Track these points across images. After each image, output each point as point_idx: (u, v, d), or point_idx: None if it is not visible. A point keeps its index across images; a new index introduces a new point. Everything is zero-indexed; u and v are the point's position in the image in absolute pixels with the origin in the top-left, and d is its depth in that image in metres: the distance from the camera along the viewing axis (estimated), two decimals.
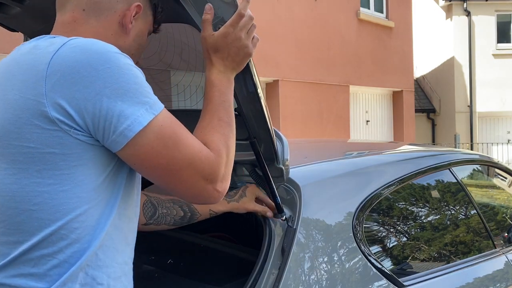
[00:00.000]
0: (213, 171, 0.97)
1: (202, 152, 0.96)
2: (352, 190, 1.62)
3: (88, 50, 0.89)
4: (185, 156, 0.94)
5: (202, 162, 0.96)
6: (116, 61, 0.89)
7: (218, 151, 0.99)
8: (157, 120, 0.91)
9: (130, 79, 0.90)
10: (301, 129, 8.63)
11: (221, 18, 1.11)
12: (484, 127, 14.71)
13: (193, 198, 1.05)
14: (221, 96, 1.06)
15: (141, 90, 0.91)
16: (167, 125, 0.93)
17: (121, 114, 0.87)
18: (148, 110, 0.90)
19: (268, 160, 1.33)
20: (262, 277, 1.26)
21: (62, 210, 0.90)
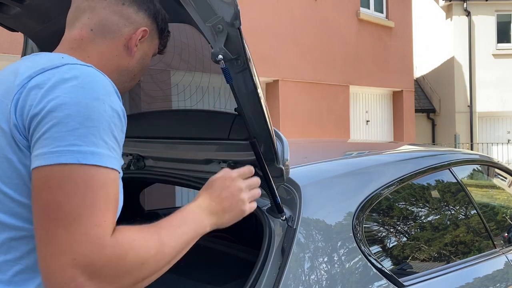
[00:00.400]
0: (89, 254, 0.78)
1: (97, 226, 0.80)
2: (352, 190, 1.62)
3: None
4: (74, 211, 0.79)
5: (87, 236, 0.79)
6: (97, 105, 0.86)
7: (118, 244, 0.81)
8: (76, 167, 0.81)
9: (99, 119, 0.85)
10: (301, 129, 8.63)
11: (221, 18, 1.11)
12: (484, 127, 14.71)
13: (46, 274, 0.79)
14: (179, 221, 0.97)
15: (90, 133, 0.83)
16: (85, 175, 0.82)
17: (46, 138, 0.82)
18: (73, 153, 0.81)
19: (268, 160, 1.33)
20: (262, 277, 1.26)
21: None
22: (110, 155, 0.85)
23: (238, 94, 1.23)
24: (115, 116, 0.88)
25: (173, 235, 0.93)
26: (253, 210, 1.10)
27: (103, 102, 0.86)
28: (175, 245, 0.93)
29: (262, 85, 7.09)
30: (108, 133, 0.86)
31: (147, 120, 1.78)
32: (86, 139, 0.83)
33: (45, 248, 0.80)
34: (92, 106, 0.84)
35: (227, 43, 1.14)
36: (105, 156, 0.84)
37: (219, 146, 1.51)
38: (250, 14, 7.49)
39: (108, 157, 0.85)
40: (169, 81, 1.67)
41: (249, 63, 1.16)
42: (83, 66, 0.91)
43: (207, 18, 1.14)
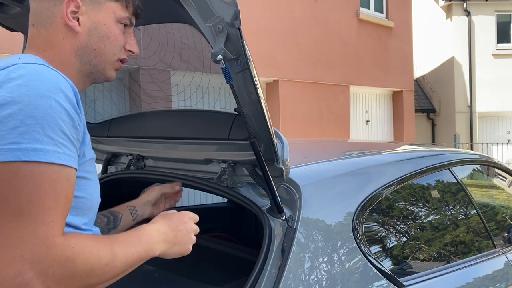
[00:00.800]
0: (37, 252, 0.78)
1: (45, 225, 0.80)
2: (352, 190, 1.62)
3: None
4: (22, 207, 0.79)
5: (35, 234, 0.79)
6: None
7: (68, 247, 0.82)
8: (19, 164, 0.80)
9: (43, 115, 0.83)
10: (301, 129, 8.63)
11: (221, 18, 1.11)
12: (484, 127, 14.71)
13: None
14: (135, 239, 0.98)
15: (32, 130, 0.82)
16: (31, 173, 0.81)
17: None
18: (13, 150, 0.80)
19: (268, 160, 1.33)
20: (262, 277, 1.26)
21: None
22: (57, 150, 0.84)
23: (238, 94, 1.23)
24: (63, 112, 0.86)
25: (126, 251, 0.94)
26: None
27: (48, 99, 0.85)
28: (126, 261, 0.94)
29: (262, 85, 7.09)
30: (55, 129, 0.84)
31: (147, 120, 1.78)
32: (27, 136, 0.81)
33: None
34: (35, 103, 0.83)
35: (227, 43, 1.14)
36: (51, 152, 0.83)
37: (219, 146, 1.51)
38: (250, 14, 7.49)
39: (54, 153, 0.84)
40: (169, 81, 1.67)
41: (249, 63, 1.16)
42: (31, 64, 0.90)
43: (207, 18, 1.14)
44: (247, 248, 1.91)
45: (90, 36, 1.05)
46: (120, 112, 2.06)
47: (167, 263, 1.50)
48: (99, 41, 1.06)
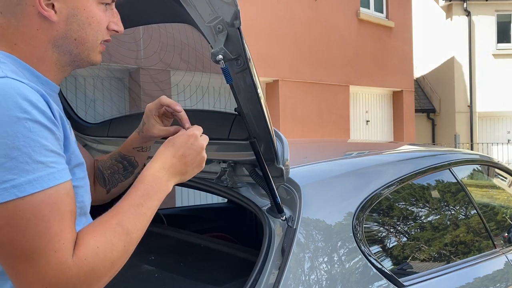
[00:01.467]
0: (57, 281, 0.78)
1: (56, 253, 0.78)
2: (352, 190, 1.62)
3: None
4: (29, 246, 0.77)
5: (49, 264, 0.77)
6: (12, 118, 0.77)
7: (82, 260, 0.80)
8: (17, 201, 0.76)
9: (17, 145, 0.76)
10: (301, 129, 8.63)
11: (221, 18, 1.11)
12: (484, 127, 14.71)
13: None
14: (142, 197, 0.92)
15: (19, 162, 0.76)
16: (29, 207, 0.77)
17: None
18: (8, 189, 0.75)
19: (268, 160, 1.33)
20: (262, 277, 1.26)
21: None
22: (52, 171, 0.80)
23: (238, 94, 1.23)
24: (43, 130, 0.79)
25: (138, 217, 0.90)
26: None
27: (25, 122, 0.77)
28: (142, 226, 0.90)
29: (262, 85, 7.09)
30: (42, 151, 0.79)
31: None
32: (16, 170, 0.76)
33: (16, 282, 0.79)
34: (12, 131, 0.76)
35: (227, 43, 1.13)
36: (46, 177, 0.79)
37: (219, 146, 1.51)
38: (250, 14, 7.49)
39: (50, 176, 0.79)
40: (169, 81, 1.67)
41: (249, 63, 1.15)
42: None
43: (207, 18, 1.14)
44: (247, 248, 1.90)
45: (68, 24, 0.93)
46: (120, 112, 2.06)
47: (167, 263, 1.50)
48: (80, 29, 0.94)
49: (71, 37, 0.94)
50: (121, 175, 1.33)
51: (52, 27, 0.92)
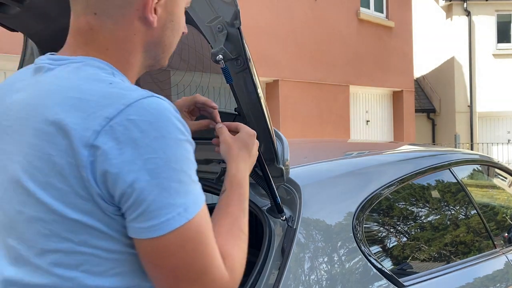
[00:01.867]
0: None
1: (218, 269, 0.81)
2: (352, 190, 1.62)
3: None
4: (201, 266, 0.79)
5: (214, 280, 0.81)
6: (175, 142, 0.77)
7: (233, 271, 0.84)
8: (188, 224, 0.77)
9: (180, 167, 0.77)
10: (301, 129, 8.63)
11: (221, 18, 1.11)
12: (484, 127, 14.71)
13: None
14: (244, 201, 0.96)
15: (186, 184, 0.77)
16: (195, 227, 0.78)
17: (152, 210, 0.75)
18: (182, 213, 0.76)
19: (268, 160, 1.33)
20: (262, 277, 1.26)
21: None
22: (201, 192, 0.81)
23: (238, 94, 1.23)
24: (191, 148, 0.80)
25: (246, 220, 0.95)
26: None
27: (184, 142, 0.78)
28: (246, 224, 0.95)
29: (262, 85, 7.09)
30: (194, 169, 0.80)
31: None
32: (185, 193, 0.77)
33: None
34: (179, 154, 0.76)
35: (227, 43, 1.13)
36: (199, 195, 0.80)
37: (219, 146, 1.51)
38: (250, 14, 7.49)
39: (201, 196, 0.80)
40: (169, 81, 1.67)
41: (249, 63, 1.15)
42: (151, 100, 0.77)
43: (207, 18, 1.14)
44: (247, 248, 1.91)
45: (164, 30, 0.89)
46: None
47: None
48: (172, 35, 0.91)
49: (164, 42, 0.90)
50: None
51: (148, 32, 0.87)
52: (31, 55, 1.70)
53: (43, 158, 0.76)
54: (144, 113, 0.75)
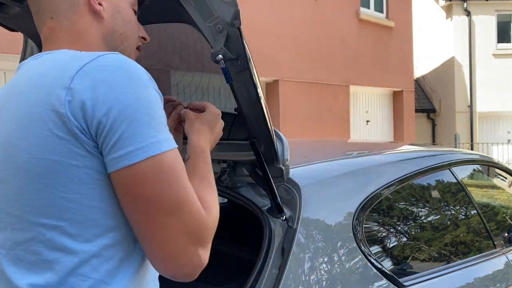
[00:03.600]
0: (200, 229, 0.86)
1: (195, 204, 0.86)
2: (352, 190, 1.62)
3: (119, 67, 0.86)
4: (176, 198, 0.84)
5: (192, 214, 0.85)
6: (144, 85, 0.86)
7: (210, 210, 0.90)
8: (161, 156, 0.83)
9: (151, 106, 0.85)
10: (301, 129, 8.63)
11: (221, 17, 1.11)
12: (484, 127, 14.71)
13: (171, 259, 0.85)
14: (209, 164, 1.03)
15: (157, 122, 0.85)
16: (168, 162, 0.84)
17: (126, 137, 0.82)
18: (155, 144, 0.83)
19: (268, 160, 1.33)
20: (262, 277, 1.26)
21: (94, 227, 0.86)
22: (171, 136, 0.88)
23: (238, 94, 1.23)
24: (160, 99, 0.89)
25: (213, 182, 1.00)
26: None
27: (152, 89, 0.88)
28: (213, 179, 1.01)
29: (262, 85, 7.09)
30: (162, 117, 0.88)
31: None
32: (157, 128, 0.84)
33: (158, 237, 0.84)
34: (148, 94, 0.86)
35: (227, 43, 1.13)
36: (171, 139, 0.87)
37: (219, 146, 1.51)
38: (250, 14, 7.49)
39: (172, 140, 0.88)
40: (169, 81, 1.67)
41: (249, 63, 1.15)
42: (113, 55, 0.88)
43: (207, 18, 1.14)
44: (247, 248, 1.91)
45: (114, 20, 1.02)
46: None
47: None
48: (123, 24, 1.03)
49: (117, 31, 1.02)
50: None
51: (101, 23, 1.00)
52: (31, 55, 1.70)
53: (25, 112, 0.86)
54: (113, 61, 0.86)
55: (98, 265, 0.85)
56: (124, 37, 1.04)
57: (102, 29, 1.00)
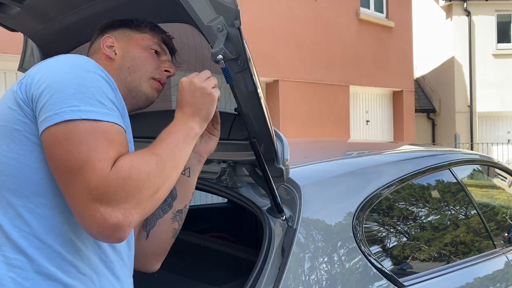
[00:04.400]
0: (99, 185, 0.89)
1: (100, 161, 0.91)
2: (352, 190, 1.62)
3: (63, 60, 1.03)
4: (81, 156, 0.91)
5: (94, 171, 0.90)
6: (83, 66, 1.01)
7: (119, 168, 0.92)
8: (80, 122, 0.93)
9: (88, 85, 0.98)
10: (301, 129, 8.63)
11: (221, 18, 1.11)
12: (484, 127, 14.71)
13: (79, 218, 0.92)
14: (164, 133, 1.08)
15: (85, 96, 0.96)
16: (88, 128, 0.93)
17: (49, 104, 0.94)
18: (75, 112, 0.93)
19: (268, 160, 1.33)
20: (262, 277, 1.26)
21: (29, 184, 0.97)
22: (109, 113, 0.97)
23: (238, 94, 1.23)
24: (107, 85, 1.00)
25: (164, 146, 1.03)
26: (219, 96, 1.18)
27: (93, 73, 0.99)
28: (170, 152, 1.03)
29: (262, 85, 7.09)
30: (104, 96, 0.97)
31: (147, 120, 1.78)
32: (83, 101, 0.94)
33: (69, 195, 0.92)
34: (84, 76, 0.98)
35: (227, 43, 1.14)
36: (104, 113, 0.95)
37: (219, 146, 1.51)
38: (250, 14, 7.49)
39: (106, 114, 0.96)
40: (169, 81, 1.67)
41: (249, 63, 1.16)
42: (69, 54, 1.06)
43: (207, 18, 1.14)
44: (247, 248, 1.91)
45: (123, 58, 1.24)
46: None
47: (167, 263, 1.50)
48: (131, 60, 1.24)
49: (125, 66, 1.23)
50: (159, 209, 1.27)
51: (113, 62, 1.23)
52: (31, 55, 1.70)
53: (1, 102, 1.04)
54: (64, 56, 1.04)
55: (31, 221, 0.96)
56: (132, 70, 1.23)
57: (113, 66, 1.23)
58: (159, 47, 1.29)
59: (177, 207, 1.28)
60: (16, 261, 0.95)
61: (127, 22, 1.30)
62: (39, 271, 0.95)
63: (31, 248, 0.95)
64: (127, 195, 0.91)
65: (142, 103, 1.26)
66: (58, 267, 0.96)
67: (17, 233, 0.95)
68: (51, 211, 0.97)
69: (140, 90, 1.23)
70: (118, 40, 1.26)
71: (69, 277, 0.97)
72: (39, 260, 0.95)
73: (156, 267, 1.32)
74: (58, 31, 1.54)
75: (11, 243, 0.95)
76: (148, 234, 1.28)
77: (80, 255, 0.99)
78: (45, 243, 0.96)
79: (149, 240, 1.28)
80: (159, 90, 1.28)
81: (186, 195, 1.29)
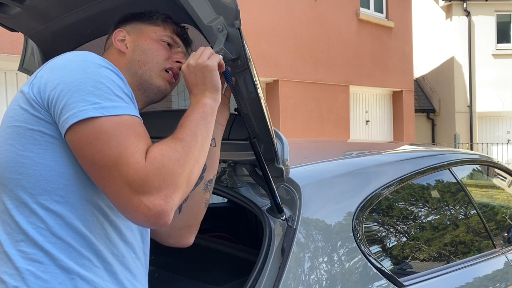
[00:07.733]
0: (138, 178, 0.93)
1: (134, 155, 0.95)
2: (352, 190, 1.62)
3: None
4: (113, 153, 0.94)
5: (129, 165, 0.94)
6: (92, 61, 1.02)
7: (152, 159, 0.96)
8: (104, 119, 0.96)
9: (98, 80, 1.00)
10: (301, 129, 8.63)
11: (221, 18, 1.11)
12: (484, 127, 14.71)
13: (123, 210, 0.97)
14: (184, 122, 1.09)
15: (104, 92, 0.99)
16: (113, 124, 0.96)
17: (70, 103, 0.97)
18: (97, 108, 0.96)
19: (268, 160, 1.33)
20: (262, 277, 1.26)
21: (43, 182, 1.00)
22: (128, 106, 1.00)
23: (238, 94, 1.23)
24: (121, 80, 1.02)
25: (185, 129, 1.06)
26: (219, 60, 1.16)
27: (107, 69, 1.01)
28: (192, 133, 1.06)
29: (262, 85, 7.09)
30: (120, 90, 1.00)
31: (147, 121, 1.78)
32: (102, 98, 0.97)
33: (109, 191, 0.95)
34: (98, 72, 1.00)
35: (227, 43, 1.14)
36: (124, 107, 0.99)
37: None
38: (250, 14, 7.49)
39: (126, 108, 0.99)
40: None
41: (249, 63, 1.16)
42: (74, 51, 1.06)
43: (207, 18, 1.14)
44: (247, 248, 1.91)
45: (134, 52, 1.23)
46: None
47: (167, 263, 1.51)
48: (141, 53, 1.23)
49: (135, 59, 1.23)
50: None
51: (124, 56, 1.24)
52: (31, 55, 1.70)
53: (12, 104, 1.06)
54: (69, 54, 1.05)
55: (46, 217, 0.99)
56: (142, 63, 1.22)
57: (125, 61, 1.23)
58: (171, 39, 1.27)
59: (208, 177, 1.30)
60: (34, 255, 0.98)
61: (139, 15, 1.29)
62: (57, 265, 0.98)
63: (47, 243, 0.98)
64: (165, 183, 0.95)
65: (154, 95, 1.25)
66: (74, 260, 0.99)
67: (33, 229, 0.99)
68: (63, 207, 1.00)
69: (151, 83, 1.22)
70: (130, 34, 1.26)
71: (84, 269, 0.99)
72: (56, 254, 0.98)
73: (190, 240, 1.32)
74: (58, 31, 1.54)
75: (28, 239, 0.98)
76: (180, 208, 1.29)
77: (94, 249, 1.02)
78: (60, 238, 0.99)
79: (181, 214, 1.29)
80: (171, 82, 1.26)
81: (214, 164, 1.32)
